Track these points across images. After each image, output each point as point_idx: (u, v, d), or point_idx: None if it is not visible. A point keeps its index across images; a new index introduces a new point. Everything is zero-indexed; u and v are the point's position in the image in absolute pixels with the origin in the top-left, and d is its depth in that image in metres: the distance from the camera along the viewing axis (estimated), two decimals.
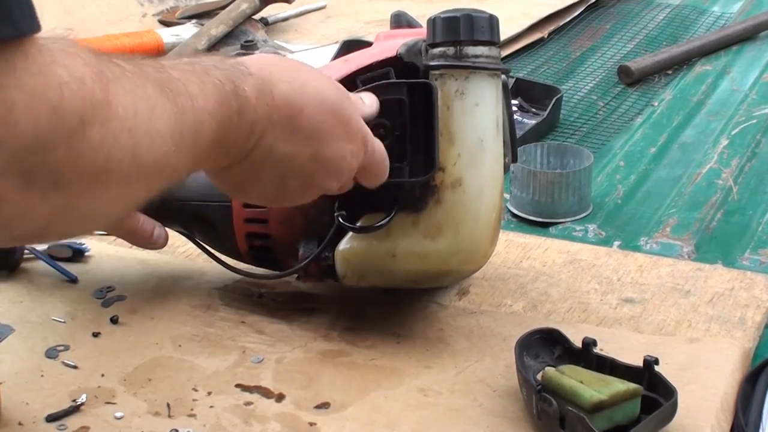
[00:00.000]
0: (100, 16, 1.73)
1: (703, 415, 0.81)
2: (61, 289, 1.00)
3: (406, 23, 0.98)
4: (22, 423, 0.82)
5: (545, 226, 1.15)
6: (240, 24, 1.67)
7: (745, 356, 0.89)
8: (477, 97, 0.87)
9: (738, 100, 1.51)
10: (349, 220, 0.88)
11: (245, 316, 0.96)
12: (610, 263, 1.05)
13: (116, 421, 0.82)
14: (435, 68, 0.87)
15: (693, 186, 1.25)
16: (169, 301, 0.98)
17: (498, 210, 0.89)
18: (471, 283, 1.01)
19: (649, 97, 1.53)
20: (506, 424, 0.81)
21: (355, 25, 1.80)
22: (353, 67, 0.89)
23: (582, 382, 0.78)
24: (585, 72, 1.64)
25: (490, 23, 0.87)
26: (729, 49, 1.70)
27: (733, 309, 0.96)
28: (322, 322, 0.95)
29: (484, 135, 0.87)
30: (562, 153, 1.21)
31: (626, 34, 1.80)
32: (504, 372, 0.87)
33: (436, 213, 0.88)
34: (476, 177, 0.87)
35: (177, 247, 1.06)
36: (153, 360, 0.90)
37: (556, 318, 0.96)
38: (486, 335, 0.93)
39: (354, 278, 0.92)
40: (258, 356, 0.90)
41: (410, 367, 0.89)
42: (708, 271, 1.03)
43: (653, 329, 0.94)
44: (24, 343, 0.92)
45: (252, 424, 0.82)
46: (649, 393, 0.79)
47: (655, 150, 1.35)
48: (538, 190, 1.15)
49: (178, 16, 1.79)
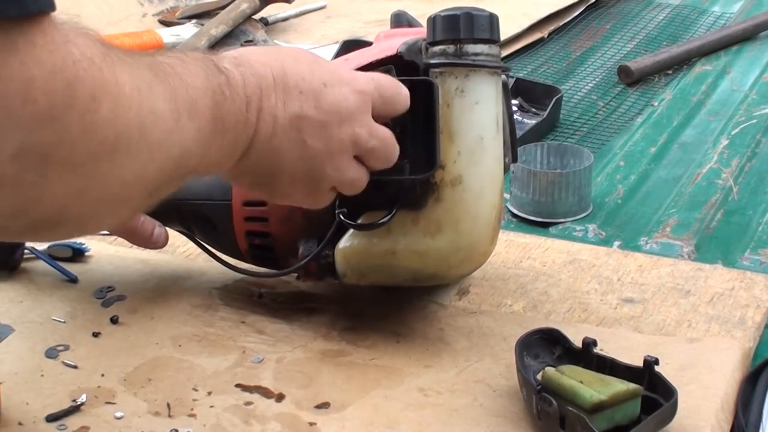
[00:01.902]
0: (100, 16, 1.73)
1: (703, 415, 0.81)
2: (61, 289, 1.00)
3: (406, 23, 0.98)
4: (22, 423, 0.82)
5: (545, 226, 1.15)
6: (240, 24, 1.67)
7: (745, 356, 0.89)
8: (477, 95, 0.87)
9: (738, 100, 1.51)
10: (350, 217, 0.88)
11: (245, 315, 0.96)
12: (610, 263, 1.05)
13: (116, 421, 0.82)
14: (435, 66, 0.87)
15: (693, 186, 1.25)
16: (170, 300, 0.98)
17: (498, 208, 0.89)
18: (471, 283, 1.01)
19: (649, 97, 1.53)
20: (506, 424, 0.81)
21: (355, 25, 1.80)
22: (353, 66, 0.89)
23: (582, 382, 0.78)
24: (585, 72, 1.64)
25: (490, 21, 0.87)
26: (729, 49, 1.70)
27: (733, 309, 0.96)
28: (322, 322, 0.95)
29: (484, 133, 0.87)
30: (562, 153, 1.21)
31: (626, 34, 1.80)
32: (504, 372, 0.87)
33: (435, 211, 0.88)
34: (476, 175, 0.87)
35: (177, 246, 1.06)
36: (153, 360, 0.90)
37: (556, 318, 0.96)
38: (486, 335, 0.93)
39: (354, 276, 0.92)
40: (258, 356, 0.90)
41: (410, 367, 0.89)
42: (708, 271, 1.03)
43: (653, 329, 0.94)
44: (24, 343, 0.92)
45: (252, 424, 0.82)
46: (649, 393, 0.79)
47: (655, 150, 1.35)
48: (538, 190, 1.15)
49: (178, 16, 1.79)
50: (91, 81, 0.56)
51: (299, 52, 0.79)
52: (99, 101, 0.57)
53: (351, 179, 0.81)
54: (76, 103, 0.55)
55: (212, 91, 0.68)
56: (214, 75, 0.69)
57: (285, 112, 0.75)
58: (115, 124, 0.58)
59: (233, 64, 0.72)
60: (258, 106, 0.73)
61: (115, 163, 0.60)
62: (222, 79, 0.70)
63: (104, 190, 0.61)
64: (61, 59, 0.55)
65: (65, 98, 0.55)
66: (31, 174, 0.55)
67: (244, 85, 0.72)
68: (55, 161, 0.56)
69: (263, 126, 0.73)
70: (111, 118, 0.58)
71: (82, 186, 0.59)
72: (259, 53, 0.76)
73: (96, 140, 0.57)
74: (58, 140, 0.55)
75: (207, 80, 0.68)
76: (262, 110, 0.73)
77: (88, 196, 0.60)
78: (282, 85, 0.75)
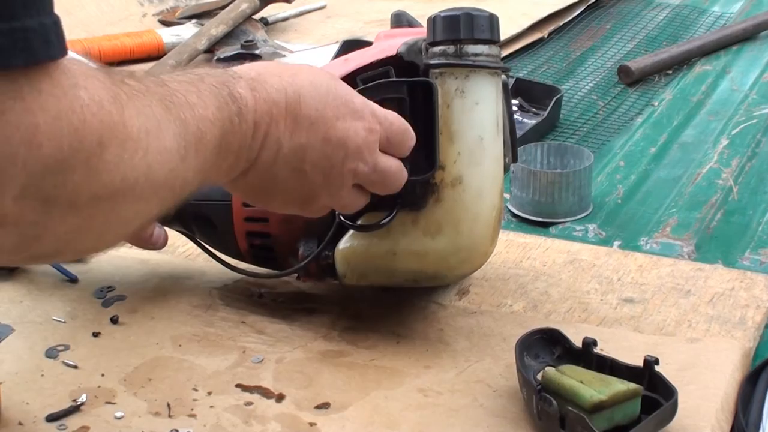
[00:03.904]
0: (100, 16, 1.74)
1: (703, 415, 0.81)
2: (62, 289, 1.00)
3: (406, 23, 0.98)
4: (22, 423, 0.82)
5: (545, 226, 1.15)
6: (240, 24, 1.67)
7: (745, 356, 0.89)
8: (477, 95, 0.87)
9: (738, 100, 1.51)
10: (350, 218, 0.88)
11: (245, 316, 0.96)
12: (610, 263, 1.05)
13: (116, 421, 0.82)
14: (435, 67, 0.87)
15: (693, 186, 1.25)
16: (170, 300, 0.98)
17: (498, 209, 0.89)
18: (471, 283, 1.01)
19: (649, 97, 1.53)
20: (506, 424, 0.81)
21: (355, 25, 1.80)
22: (353, 66, 0.89)
23: (582, 382, 0.78)
24: (585, 72, 1.64)
25: (490, 22, 0.87)
26: (729, 49, 1.70)
27: (733, 309, 0.96)
28: (323, 322, 0.95)
29: (484, 133, 0.87)
30: (562, 153, 1.21)
31: (626, 34, 1.80)
32: (504, 372, 0.87)
33: (435, 211, 0.88)
34: (476, 175, 0.87)
35: (177, 247, 1.06)
36: (153, 360, 0.90)
37: (556, 318, 0.96)
38: (486, 335, 0.93)
39: (354, 277, 0.92)
40: (258, 356, 0.90)
41: (410, 367, 0.89)
42: (708, 271, 1.03)
43: (653, 329, 0.94)
44: (24, 343, 0.92)
45: (252, 424, 0.82)
46: (649, 393, 0.79)
47: (655, 150, 1.35)
48: (538, 190, 1.15)
49: (178, 16, 1.79)
50: (99, 125, 0.56)
51: (318, 77, 0.77)
52: (105, 146, 0.56)
53: (347, 204, 0.81)
54: (83, 148, 0.55)
55: (221, 122, 0.67)
56: (227, 105, 0.68)
57: (290, 141, 0.74)
58: (120, 168, 0.58)
59: (248, 88, 0.71)
60: (265, 132, 0.72)
61: (118, 204, 0.59)
62: (233, 109, 0.69)
63: (105, 228, 0.61)
64: (68, 104, 0.54)
65: (71, 143, 0.54)
66: (33, 214, 0.55)
67: (254, 111, 0.71)
68: (57, 203, 0.56)
69: (266, 153, 0.73)
70: (117, 163, 0.57)
71: (83, 225, 0.59)
72: (278, 74, 0.74)
73: (100, 184, 0.57)
74: (61, 184, 0.55)
75: (218, 111, 0.67)
76: (268, 136, 0.72)
77: (88, 234, 0.60)
78: (293, 114, 0.73)
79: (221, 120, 0.67)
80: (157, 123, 0.61)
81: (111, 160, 0.57)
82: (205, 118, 0.66)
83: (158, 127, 0.61)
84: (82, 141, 0.55)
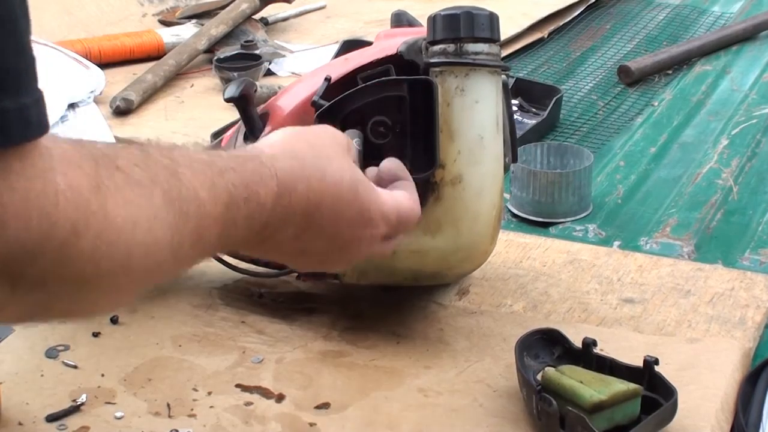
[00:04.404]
0: (100, 16, 1.73)
1: (703, 416, 0.81)
2: None
3: (406, 22, 0.98)
4: (22, 423, 0.82)
5: (545, 226, 1.15)
6: (240, 24, 1.67)
7: (745, 356, 0.89)
8: (477, 94, 0.87)
9: (738, 100, 1.51)
10: None
11: (245, 316, 0.96)
12: (610, 263, 1.05)
13: (116, 421, 0.82)
14: (435, 65, 0.87)
15: (693, 186, 1.25)
16: (170, 300, 0.98)
17: (498, 208, 0.89)
18: (471, 283, 1.01)
19: (649, 97, 1.53)
20: (506, 424, 0.81)
21: (355, 25, 1.80)
22: (353, 66, 0.89)
23: (582, 382, 0.78)
24: (585, 72, 1.64)
25: (490, 20, 0.87)
26: (729, 49, 1.70)
27: (733, 309, 0.96)
28: (323, 322, 0.95)
29: (484, 132, 0.87)
30: (562, 153, 1.21)
31: (626, 34, 1.80)
32: (504, 372, 0.87)
33: (435, 210, 0.88)
34: (476, 174, 0.87)
35: None
36: (153, 360, 0.90)
37: (556, 318, 0.95)
38: (486, 335, 0.93)
39: (354, 276, 0.92)
40: (258, 356, 0.90)
41: (410, 368, 0.89)
42: (708, 271, 1.03)
43: (653, 329, 0.93)
44: (24, 343, 0.92)
45: (252, 424, 0.82)
46: (649, 393, 0.79)
47: (655, 150, 1.35)
48: (538, 190, 1.15)
49: (178, 16, 1.79)
50: (74, 213, 0.54)
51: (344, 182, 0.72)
52: (81, 234, 0.54)
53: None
54: (54, 233, 0.53)
55: (225, 221, 0.64)
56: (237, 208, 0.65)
57: (294, 243, 0.72)
58: (95, 257, 0.56)
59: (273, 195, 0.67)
60: (271, 234, 0.69)
61: (92, 291, 0.58)
62: (243, 212, 0.66)
63: (74, 307, 0.59)
64: (41, 187, 0.53)
65: (41, 227, 0.53)
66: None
67: (269, 214, 0.68)
68: (23, 283, 0.54)
69: (266, 244, 0.71)
70: (91, 252, 0.55)
71: (49, 304, 0.57)
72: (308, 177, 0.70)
73: (71, 271, 0.55)
74: (29, 267, 0.54)
75: (227, 210, 0.64)
76: (272, 238, 0.70)
77: (54, 311, 0.59)
78: (306, 222, 0.71)
79: (225, 219, 0.64)
80: (151, 215, 0.59)
81: (86, 248, 0.55)
82: (209, 216, 0.63)
83: (152, 219, 0.59)
84: (53, 226, 0.53)
